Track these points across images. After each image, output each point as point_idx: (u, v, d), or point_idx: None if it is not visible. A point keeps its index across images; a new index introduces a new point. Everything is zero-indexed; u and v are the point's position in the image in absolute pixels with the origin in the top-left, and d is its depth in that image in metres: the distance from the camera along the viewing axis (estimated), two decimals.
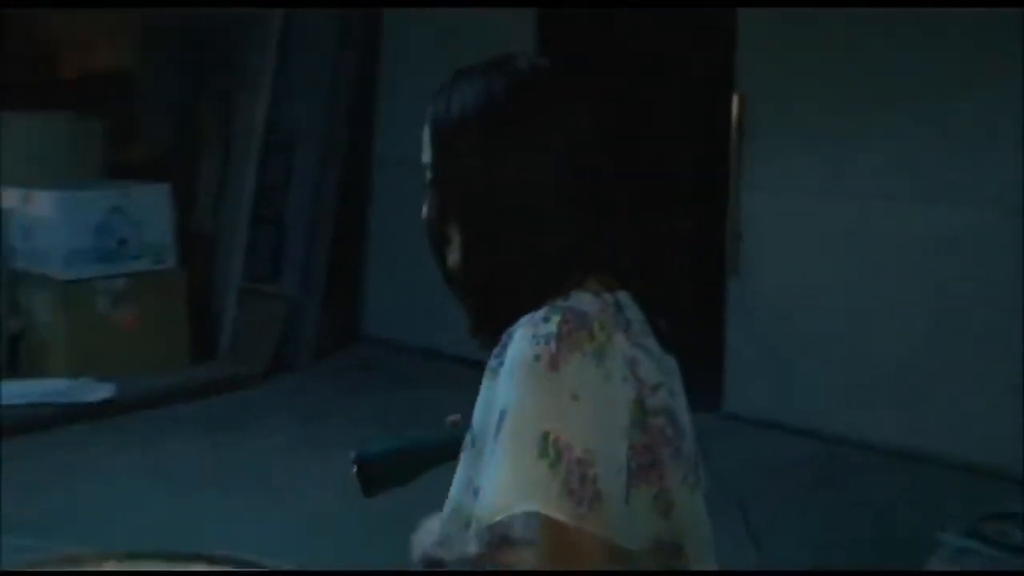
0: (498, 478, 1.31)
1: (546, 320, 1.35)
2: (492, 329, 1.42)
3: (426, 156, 1.50)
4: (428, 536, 1.54)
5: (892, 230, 4.87)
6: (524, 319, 1.37)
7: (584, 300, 1.40)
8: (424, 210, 1.52)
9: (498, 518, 1.31)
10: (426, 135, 1.50)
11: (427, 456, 1.48)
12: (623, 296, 1.45)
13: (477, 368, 1.45)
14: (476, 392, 1.43)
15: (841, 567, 3.85)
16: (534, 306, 1.39)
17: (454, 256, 1.48)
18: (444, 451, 1.54)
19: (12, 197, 5.88)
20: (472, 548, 1.39)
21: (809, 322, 5.09)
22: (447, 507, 1.46)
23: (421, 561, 1.54)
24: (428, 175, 1.51)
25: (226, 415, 5.46)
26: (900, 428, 4.75)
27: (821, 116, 5.00)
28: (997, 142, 4.54)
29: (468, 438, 1.44)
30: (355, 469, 1.59)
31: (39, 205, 5.81)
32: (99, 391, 5.59)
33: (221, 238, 6.48)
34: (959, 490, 4.20)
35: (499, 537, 1.34)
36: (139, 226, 5.99)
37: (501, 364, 1.37)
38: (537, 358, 1.33)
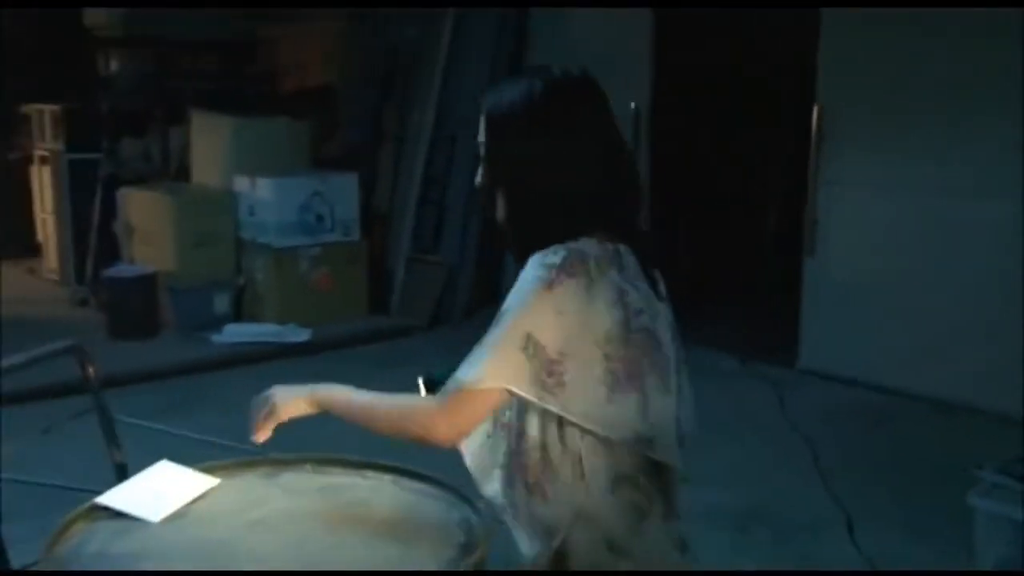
0: (485, 357, 1.43)
1: (554, 254, 1.44)
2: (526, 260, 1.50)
3: (480, 138, 1.57)
4: (283, 394, 1.65)
5: (943, 219, 4.72)
6: (542, 252, 1.46)
7: (589, 244, 1.47)
8: (478, 178, 1.59)
9: (480, 387, 1.42)
10: (481, 122, 1.57)
11: None
12: (624, 248, 1.51)
13: None
14: None
15: (891, 497, 3.74)
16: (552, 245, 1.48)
17: (500, 213, 1.56)
18: None
19: (242, 183, 6.06)
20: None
21: (871, 294, 4.98)
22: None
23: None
24: (482, 152, 1.58)
25: (396, 356, 5.57)
26: (946, 383, 4.61)
27: (885, 124, 4.88)
28: None
29: None
30: (422, 386, 1.66)
31: (261, 189, 5.96)
32: (299, 335, 5.76)
33: (395, 216, 6.56)
34: (994, 435, 4.04)
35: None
36: (333, 206, 6.10)
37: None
38: (539, 279, 1.43)
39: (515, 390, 1.41)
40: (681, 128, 5.95)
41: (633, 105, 5.69)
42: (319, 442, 1.68)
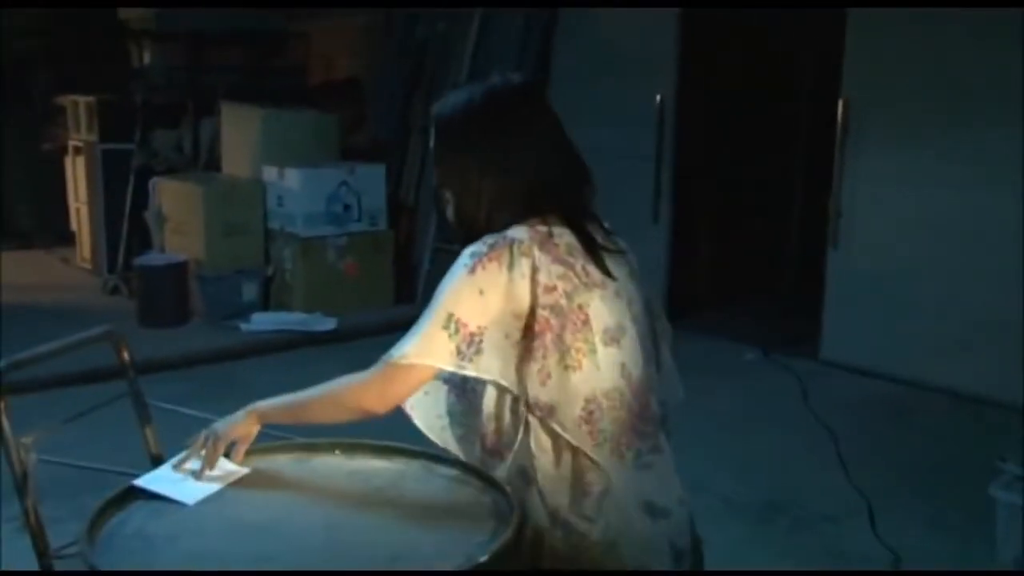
0: (414, 336, 1.54)
1: (483, 243, 1.56)
2: None
3: (431, 143, 1.68)
4: (221, 423, 1.71)
5: (965, 212, 4.68)
6: (474, 243, 1.57)
7: (519, 231, 1.57)
8: (434, 181, 1.70)
9: (403, 363, 1.54)
10: (431, 129, 1.67)
11: None
12: (558, 230, 1.59)
13: None
14: None
15: (913, 488, 3.72)
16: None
17: (449, 211, 1.66)
18: None
19: (270, 173, 6.08)
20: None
21: (894, 286, 4.95)
22: None
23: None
24: (433, 156, 1.68)
25: None
26: (968, 375, 4.58)
27: (909, 119, 4.84)
28: None
29: None
30: None
31: (289, 179, 5.97)
32: (326, 323, 5.77)
33: (421, 207, 6.57)
34: (1016, 428, 4.00)
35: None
36: (360, 196, 6.12)
37: None
38: (465, 266, 1.54)
39: (437, 365, 1.53)
40: (705, 123, 5.93)
41: (659, 98, 5.66)
42: (346, 428, 1.69)
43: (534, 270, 1.53)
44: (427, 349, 1.53)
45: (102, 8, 7.12)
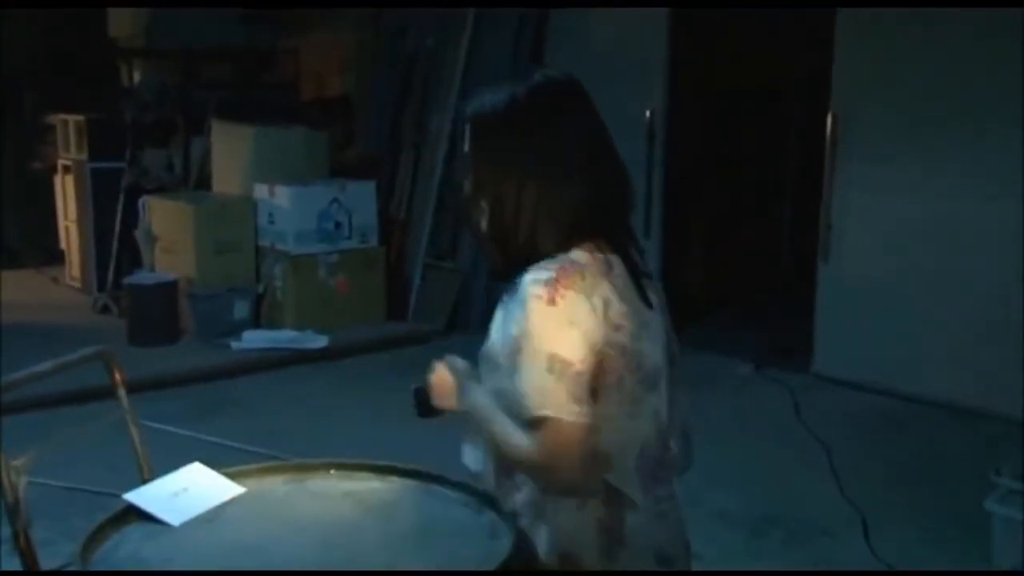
0: (523, 389, 1.39)
1: (547, 269, 1.42)
2: (509, 275, 1.48)
3: (466, 146, 1.55)
4: (442, 386, 1.60)
5: (957, 223, 4.71)
6: (532, 268, 1.43)
7: (580, 255, 1.45)
8: (465, 189, 1.56)
9: (538, 415, 1.37)
10: (467, 130, 1.54)
11: None
12: (614, 258, 1.49)
13: None
14: None
15: (908, 501, 3.72)
16: (542, 259, 1.45)
17: (483, 222, 1.51)
18: None
19: (261, 191, 6.08)
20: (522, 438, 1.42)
21: (886, 298, 4.96)
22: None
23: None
24: (468, 161, 1.54)
25: (414, 361, 5.49)
26: (961, 387, 4.59)
27: (899, 130, 4.87)
28: None
29: (481, 352, 1.52)
30: (414, 394, 1.65)
31: (279, 197, 5.97)
32: (318, 340, 5.75)
33: (412, 223, 6.57)
34: (1011, 440, 4.01)
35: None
36: (351, 213, 6.12)
37: (511, 300, 1.45)
38: (539, 297, 1.40)
39: (555, 416, 1.37)
40: (695, 132, 5.94)
41: (648, 113, 5.67)
42: (343, 446, 1.68)
43: (606, 303, 1.42)
44: (541, 398, 1.37)
45: (91, 23, 7.11)
